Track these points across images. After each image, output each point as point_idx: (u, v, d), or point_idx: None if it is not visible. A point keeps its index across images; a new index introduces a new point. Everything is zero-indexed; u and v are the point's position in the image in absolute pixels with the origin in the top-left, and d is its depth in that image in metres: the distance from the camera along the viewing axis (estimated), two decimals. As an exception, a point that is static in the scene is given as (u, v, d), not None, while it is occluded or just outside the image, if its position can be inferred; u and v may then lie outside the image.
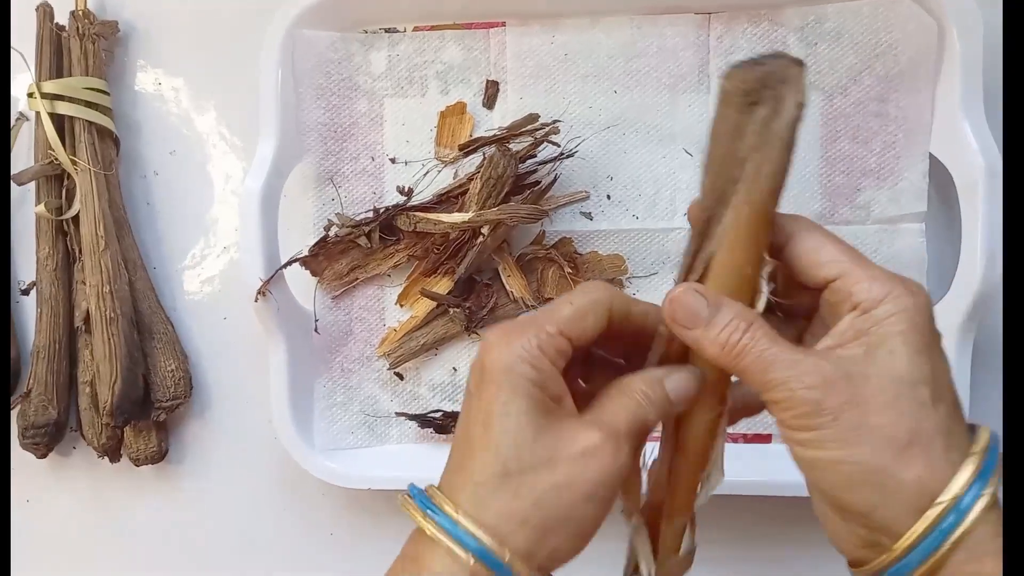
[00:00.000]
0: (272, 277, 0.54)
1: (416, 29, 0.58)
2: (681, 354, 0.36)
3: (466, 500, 0.33)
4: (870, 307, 0.32)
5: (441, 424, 0.57)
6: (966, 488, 0.30)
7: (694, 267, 0.35)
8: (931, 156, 0.53)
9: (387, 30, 0.58)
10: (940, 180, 0.53)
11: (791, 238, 0.35)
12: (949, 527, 0.30)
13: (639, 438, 0.35)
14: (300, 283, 0.58)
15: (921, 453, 0.30)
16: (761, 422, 0.55)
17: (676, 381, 0.35)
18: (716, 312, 0.33)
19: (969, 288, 0.50)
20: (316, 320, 0.58)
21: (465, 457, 0.34)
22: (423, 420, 0.57)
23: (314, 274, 0.57)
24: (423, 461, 0.57)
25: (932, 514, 0.30)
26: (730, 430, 0.54)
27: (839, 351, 0.32)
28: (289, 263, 0.55)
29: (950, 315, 0.51)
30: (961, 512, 0.30)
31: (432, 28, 0.58)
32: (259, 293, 0.53)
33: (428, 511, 0.34)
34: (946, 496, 0.30)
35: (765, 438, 0.55)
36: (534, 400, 0.33)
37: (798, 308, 0.36)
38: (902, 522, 0.31)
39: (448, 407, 0.58)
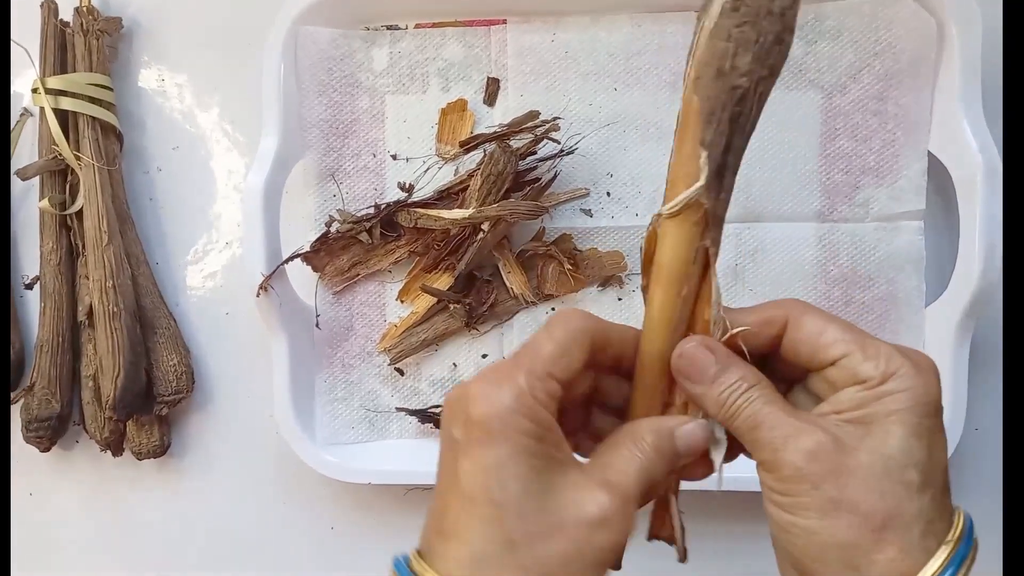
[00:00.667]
0: (274, 272, 0.54)
1: (418, 26, 0.58)
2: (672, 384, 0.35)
3: (465, 574, 0.30)
4: (875, 383, 0.31)
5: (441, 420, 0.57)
6: None
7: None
8: (929, 154, 0.53)
9: (389, 27, 0.58)
10: (938, 178, 0.54)
11: (789, 323, 0.34)
12: None
13: (648, 497, 0.34)
14: (302, 278, 0.58)
15: (896, 538, 0.30)
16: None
17: (688, 435, 0.34)
18: (723, 371, 0.33)
19: (967, 286, 0.50)
20: (317, 316, 0.58)
21: (458, 522, 0.31)
22: (423, 415, 0.58)
23: (315, 270, 0.58)
24: (423, 456, 0.57)
25: None
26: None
27: (834, 418, 0.32)
28: (291, 258, 0.56)
29: (948, 313, 0.51)
30: None
31: (434, 25, 0.58)
32: (261, 288, 0.53)
33: None
34: None
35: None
36: (535, 457, 0.31)
37: (782, 372, 0.35)
38: None
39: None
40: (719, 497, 0.44)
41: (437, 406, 0.58)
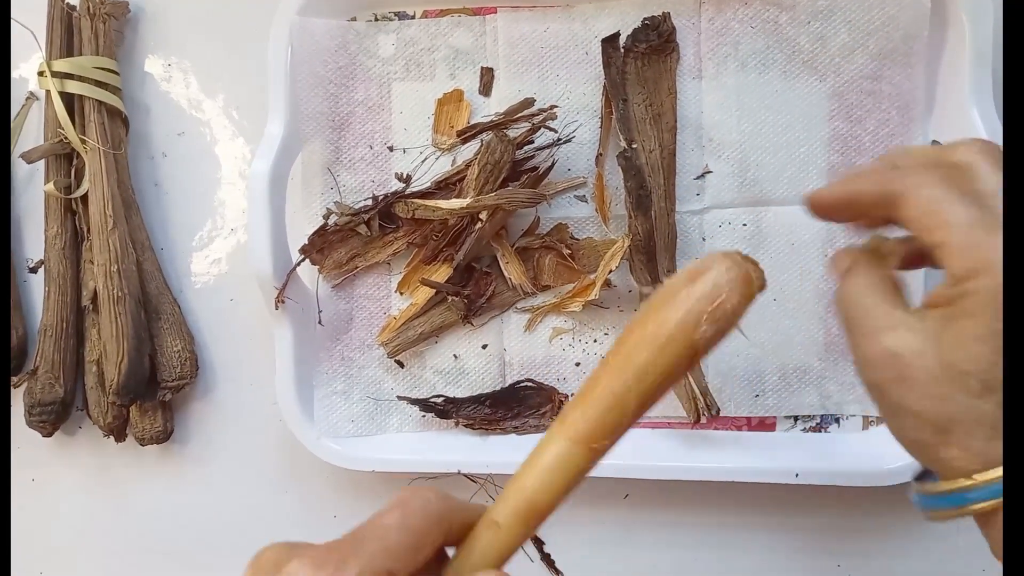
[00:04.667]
0: (287, 283, 0.54)
1: (426, 14, 0.58)
2: None
3: None
4: (956, 280, 0.31)
5: (442, 409, 0.57)
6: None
7: None
8: (935, 143, 0.53)
9: (397, 14, 0.58)
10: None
11: (903, 199, 0.33)
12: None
13: None
14: (304, 266, 0.58)
15: (959, 440, 0.30)
16: (762, 404, 0.55)
17: None
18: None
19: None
20: (320, 311, 0.58)
21: None
22: (424, 404, 0.57)
23: (314, 263, 0.57)
24: (426, 445, 0.57)
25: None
26: (733, 415, 0.55)
27: (926, 313, 0.32)
28: (299, 263, 0.56)
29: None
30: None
31: (440, 13, 0.58)
32: (278, 302, 0.54)
33: None
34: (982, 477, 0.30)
35: (769, 426, 0.56)
36: None
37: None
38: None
39: (451, 392, 0.58)
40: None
41: (439, 396, 0.58)
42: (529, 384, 0.57)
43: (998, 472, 0.29)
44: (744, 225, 0.55)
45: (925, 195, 0.32)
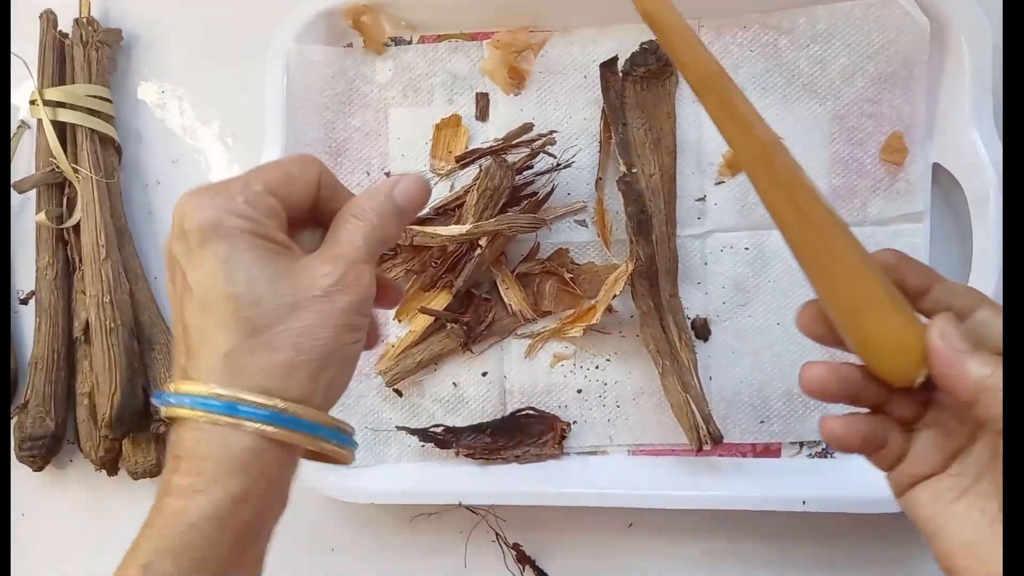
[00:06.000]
0: None
1: (423, 39, 0.58)
2: None
3: (219, 375, 0.31)
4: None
5: (442, 439, 0.56)
6: None
7: None
8: (937, 166, 0.53)
9: (395, 39, 0.58)
10: (945, 185, 0.53)
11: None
12: None
13: (379, 253, 0.35)
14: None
15: None
16: (767, 431, 0.54)
17: (403, 188, 0.35)
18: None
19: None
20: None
21: (200, 333, 0.32)
22: (423, 434, 0.56)
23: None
24: (426, 475, 0.56)
25: None
26: (738, 441, 0.54)
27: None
28: None
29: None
30: None
31: (438, 38, 0.57)
32: None
33: (188, 403, 0.31)
34: None
35: (774, 452, 0.55)
36: (259, 249, 0.32)
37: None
38: None
39: (450, 421, 0.57)
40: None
41: (438, 425, 0.57)
42: (530, 412, 0.56)
43: None
44: (746, 249, 0.55)
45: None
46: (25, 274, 0.62)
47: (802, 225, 0.34)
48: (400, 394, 0.58)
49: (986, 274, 0.49)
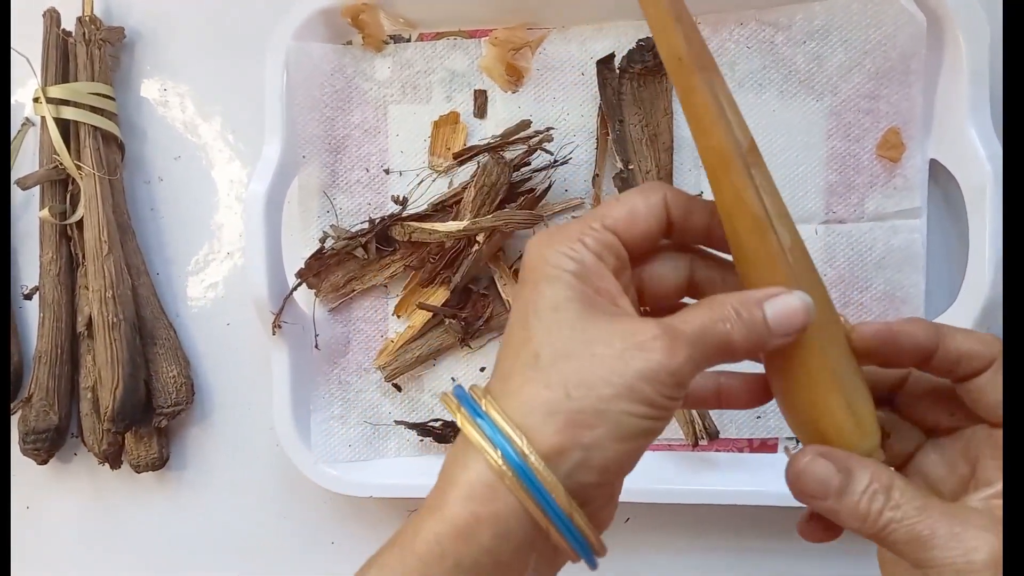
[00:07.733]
0: (283, 308, 0.54)
1: (422, 37, 0.58)
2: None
3: (497, 397, 0.30)
4: None
5: (440, 433, 0.57)
6: None
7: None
8: (935, 162, 0.53)
9: (394, 37, 0.58)
10: (943, 181, 0.53)
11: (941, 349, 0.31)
12: None
13: (709, 354, 0.30)
14: (301, 290, 0.57)
15: None
16: (764, 426, 0.55)
17: (779, 306, 0.30)
18: (848, 479, 0.30)
19: (977, 298, 0.49)
20: (316, 335, 0.57)
21: (503, 360, 0.31)
22: (422, 428, 0.57)
23: (310, 287, 0.57)
24: (425, 469, 0.57)
25: None
26: (735, 436, 0.55)
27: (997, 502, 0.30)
28: (296, 287, 0.55)
29: (958, 323, 0.51)
30: None
31: (436, 36, 0.58)
32: (275, 327, 0.54)
33: (466, 409, 0.30)
34: None
35: (771, 447, 0.55)
36: (574, 291, 0.30)
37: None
38: None
39: (448, 416, 0.57)
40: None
41: (436, 419, 0.57)
42: (528, 407, 0.56)
43: None
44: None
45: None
46: (29, 270, 0.62)
47: (739, 263, 0.32)
48: (399, 389, 0.58)
49: (983, 269, 0.49)
